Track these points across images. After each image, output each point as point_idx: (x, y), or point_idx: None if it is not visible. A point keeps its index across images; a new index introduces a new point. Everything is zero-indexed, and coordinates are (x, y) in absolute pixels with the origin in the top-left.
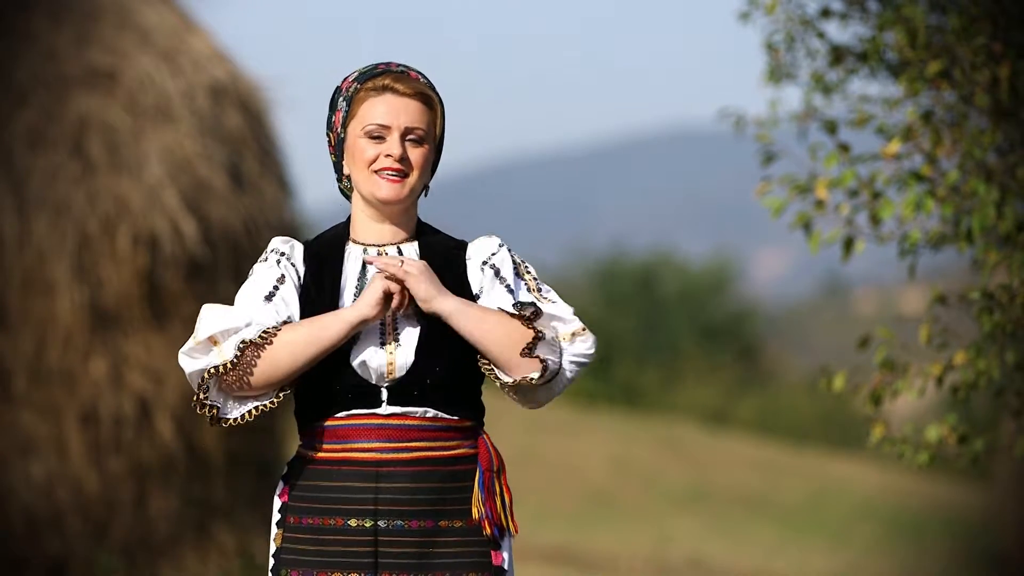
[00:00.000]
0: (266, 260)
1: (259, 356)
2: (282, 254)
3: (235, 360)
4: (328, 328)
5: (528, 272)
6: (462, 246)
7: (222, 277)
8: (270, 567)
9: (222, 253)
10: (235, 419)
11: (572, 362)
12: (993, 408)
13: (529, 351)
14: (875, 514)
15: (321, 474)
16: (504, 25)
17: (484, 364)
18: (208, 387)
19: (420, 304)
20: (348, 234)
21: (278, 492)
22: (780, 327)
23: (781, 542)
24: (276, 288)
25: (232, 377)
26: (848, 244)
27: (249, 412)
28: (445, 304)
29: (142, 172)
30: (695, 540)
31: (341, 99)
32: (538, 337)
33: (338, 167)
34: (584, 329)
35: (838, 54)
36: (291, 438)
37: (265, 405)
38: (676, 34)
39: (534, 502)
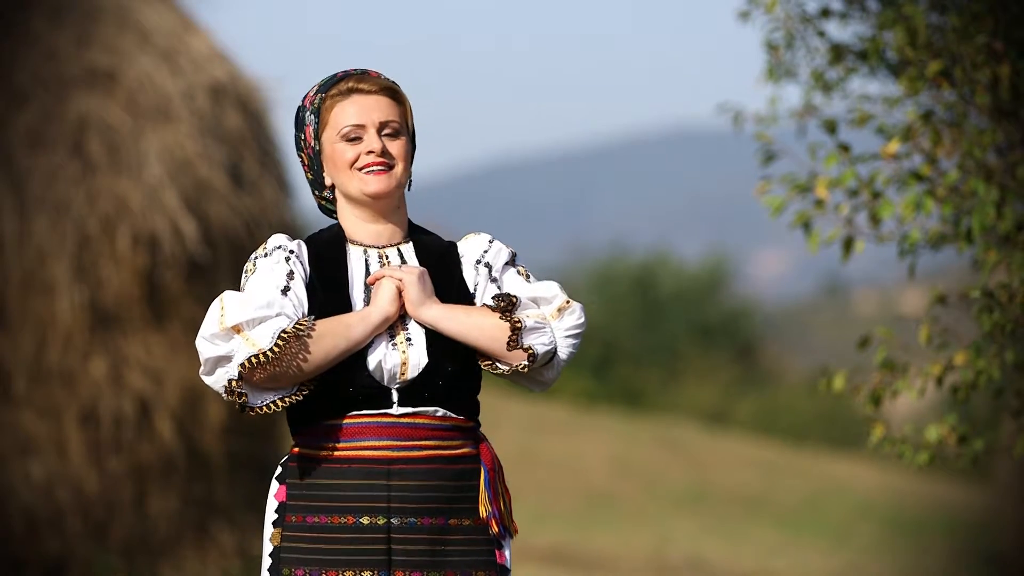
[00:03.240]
0: (270, 256)
1: (299, 348)
2: (290, 251)
3: (274, 350)
4: (356, 326)
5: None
6: (453, 246)
7: (222, 277)
8: (267, 566)
9: (222, 253)
10: (261, 407)
11: (566, 337)
12: (993, 408)
13: (514, 343)
14: (875, 514)
15: (329, 472)
16: (504, 25)
17: (482, 359)
18: (242, 375)
19: (408, 309)
20: (345, 236)
21: (273, 492)
22: (779, 327)
23: (781, 542)
24: (288, 284)
25: (270, 368)
26: (848, 244)
27: (275, 402)
28: (429, 312)
29: (142, 172)
30: (695, 540)
31: (308, 113)
32: (517, 327)
33: (315, 184)
34: (568, 302)
35: (838, 53)
36: (290, 438)
37: (292, 397)
38: (676, 33)
39: (534, 502)
